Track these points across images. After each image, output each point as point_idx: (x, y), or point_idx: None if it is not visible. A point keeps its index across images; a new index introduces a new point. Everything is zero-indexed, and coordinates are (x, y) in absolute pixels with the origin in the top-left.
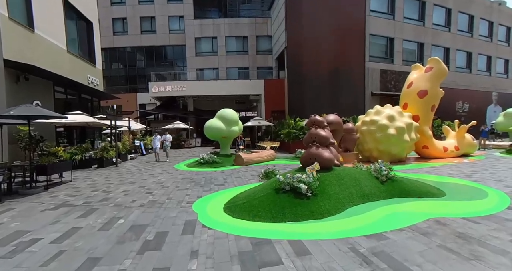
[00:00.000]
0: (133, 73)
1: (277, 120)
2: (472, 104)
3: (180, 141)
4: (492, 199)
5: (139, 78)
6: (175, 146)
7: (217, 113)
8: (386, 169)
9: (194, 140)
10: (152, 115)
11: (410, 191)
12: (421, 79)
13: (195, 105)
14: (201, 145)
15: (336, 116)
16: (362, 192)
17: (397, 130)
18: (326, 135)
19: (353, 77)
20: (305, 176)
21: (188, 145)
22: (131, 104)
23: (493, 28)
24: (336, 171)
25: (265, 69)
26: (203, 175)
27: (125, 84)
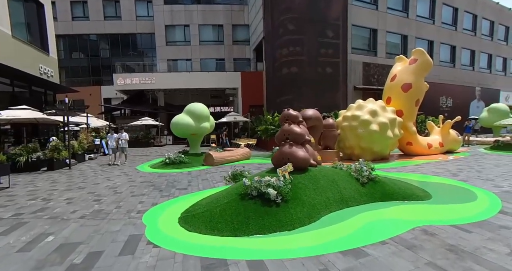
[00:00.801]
0: (96, 64)
1: (255, 115)
2: (455, 100)
3: (149, 139)
4: (482, 201)
5: (103, 70)
6: (144, 144)
7: (185, 108)
8: (367, 169)
9: (165, 137)
10: (118, 111)
11: (393, 194)
12: (405, 72)
13: (166, 100)
14: (173, 142)
15: (315, 111)
16: (340, 196)
17: (380, 126)
18: (301, 132)
19: (335, 70)
20: (274, 179)
21: (158, 143)
22: (94, 98)
23: (477, 21)
24: (312, 172)
25: (242, 61)
26: (166, 177)
27: (87, 76)
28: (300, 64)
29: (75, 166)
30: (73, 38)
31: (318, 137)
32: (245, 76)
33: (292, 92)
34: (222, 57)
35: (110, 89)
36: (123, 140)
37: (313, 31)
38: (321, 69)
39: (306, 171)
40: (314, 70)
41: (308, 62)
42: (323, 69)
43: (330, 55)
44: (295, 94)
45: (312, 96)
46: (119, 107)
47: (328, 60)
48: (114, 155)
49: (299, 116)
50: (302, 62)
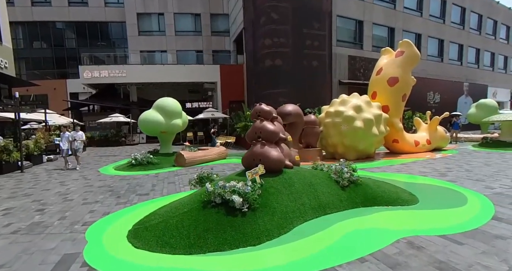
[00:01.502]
0: (61, 55)
1: (235, 112)
2: (443, 95)
3: (120, 137)
4: (473, 205)
5: (69, 61)
6: (114, 143)
7: (154, 103)
8: (348, 170)
9: (138, 135)
10: (86, 107)
11: (376, 198)
12: (392, 65)
13: (139, 95)
14: (147, 141)
15: (296, 106)
16: (317, 202)
17: (365, 123)
18: (275, 129)
19: (319, 64)
20: (241, 184)
21: (131, 142)
22: (59, 93)
23: (466, 14)
24: (287, 175)
25: (221, 53)
26: (129, 180)
27: (51, 68)
28: (283, 57)
29: (29, 168)
30: (33, 25)
31: (298, 134)
32: (224, 70)
33: (274, 87)
34: (200, 49)
35: (77, 83)
36: (79, 140)
37: (296, 21)
38: (304, 63)
39: (280, 173)
40: (297, 64)
41: (291, 54)
42: (306, 63)
43: (314, 47)
44: (277, 89)
45: (296, 91)
46: (87, 103)
47: (312, 53)
48: (65, 158)
49: (273, 112)
50: (285, 55)
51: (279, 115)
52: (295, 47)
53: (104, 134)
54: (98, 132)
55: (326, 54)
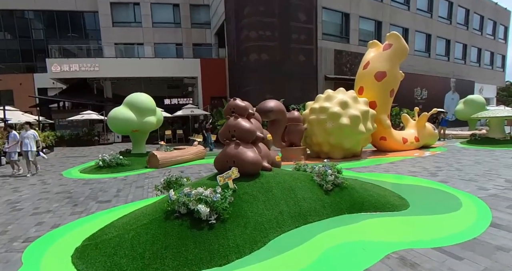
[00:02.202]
0: (27, 47)
1: (216, 108)
2: (430, 91)
3: (92, 136)
4: (468, 210)
5: (37, 54)
6: (87, 143)
7: (125, 99)
8: (332, 172)
9: (113, 134)
10: (56, 104)
11: (363, 203)
12: (379, 58)
13: (114, 91)
14: (122, 140)
15: (278, 102)
16: (297, 209)
17: (351, 120)
18: (251, 127)
19: (304, 58)
20: (209, 190)
21: (105, 141)
22: (26, 88)
23: (453, 9)
24: (264, 179)
25: (203, 46)
26: (93, 185)
27: (17, 61)
28: (267, 51)
29: None
30: None
31: (281, 132)
32: (205, 64)
33: (258, 82)
34: (179, 42)
35: (45, 77)
36: (30, 142)
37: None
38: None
39: (256, 177)
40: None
41: (276, 48)
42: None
43: (298, 40)
44: (261, 85)
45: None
46: (56, 99)
47: (296, 47)
48: (14, 162)
49: (249, 108)
50: (269, 48)
51: (259, 112)
52: (280, 40)
53: (75, 133)
54: (68, 131)
55: (312, 48)
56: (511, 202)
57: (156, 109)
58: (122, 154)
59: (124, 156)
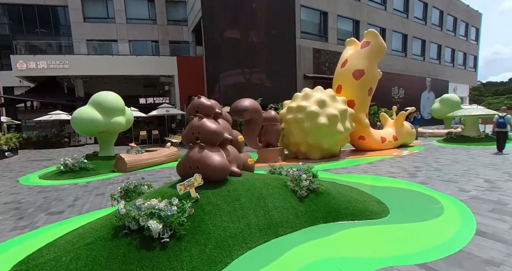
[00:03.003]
0: None
1: None
2: (407, 90)
3: (62, 137)
4: (451, 216)
5: (1, 51)
6: (56, 145)
7: (91, 98)
8: (307, 176)
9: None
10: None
11: (340, 211)
12: (357, 56)
13: (86, 89)
14: (95, 141)
15: (253, 101)
16: (267, 221)
17: (329, 119)
18: (216, 128)
19: (282, 56)
20: (163, 203)
21: (76, 142)
22: None
23: (428, 10)
24: (231, 186)
25: (179, 44)
26: (49, 192)
27: None
28: (245, 48)
29: None
30: None
31: (257, 132)
32: (182, 62)
33: (236, 81)
34: (155, 39)
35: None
36: None
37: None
38: (267, 55)
39: (223, 184)
40: (259, 56)
41: (254, 45)
42: (269, 55)
43: (277, 39)
44: (239, 83)
45: (260, 85)
46: (23, 99)
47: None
48: None
49: (216, 107)
50: (246, 46)
51: (233, 112)
52: (258, 38)
53: (43, 134)
54: (36, 132)
55: (291, 46)
56: (493, 205)
57: (126, 109)
58: (88, 157)
59: (90, 159)
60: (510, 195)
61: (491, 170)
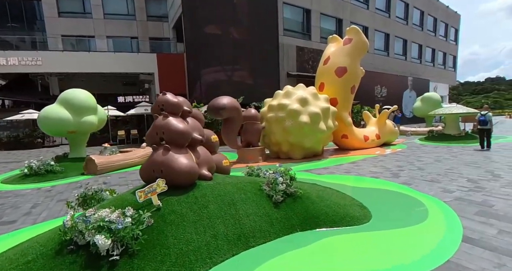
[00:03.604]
0: None
1: None
2: (389, 89)
3: (34, 138)
4: (436, 219)
5: None
6: (28, 145)
7: (59, 96)
8: (284, 179)
9: None
10: None
11: (319, 217)
12: (339, 53)
13: (62, 87)
14: None
15: (232, 99)
16: (237, 230)
17: (311, 117)
18: (183, 128)
19: (265, 54)
20: (116, 214)
21: (50, 143)
22: None
23: (409, 10)
24: (200, 191)
25: (160, 40)
26: (7, 199)
27: None
28: (226, 46)
29: None
30: None
31: (236, 131)
32: (162, 59)
33: (218, 79)
34: (135, 36)
35: None
36: None
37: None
38: (250, 53)
39: (191, 189)
40: (242, 54)
41: (237, 43)
42: (252, 53)
43: (260, 36)
44: (221, 81)
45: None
46: None
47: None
48: None
49: (184, 105)
50: (228, 43)
51: (211, 110)
52: (240, 35)
53: (14, 135)
54: (7, 132)
55: (274, 44)
56: (478, 207)
57: (98, 108)
58: (58, 158)
59: (59, 161)
60: (495, 195)
61: (473, 168)
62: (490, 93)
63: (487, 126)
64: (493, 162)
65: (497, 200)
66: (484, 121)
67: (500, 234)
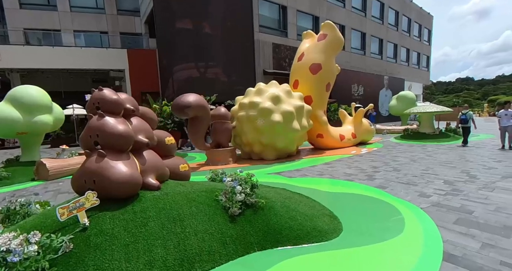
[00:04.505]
0: None
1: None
2: (366, 88)
3: None
4: (413, 231)
5: None
6: None
7: (8, 93)
8: (243, 188)
9: None
10: None
11: (282, 232)
12: (314, 50)
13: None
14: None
15: (198, 96)
16: (180, 254)
17: (284, 116)
18: (123, 130)
19: (240, 50)
20: (19, 239)
21: (11, 144)
22: None
23: (384, 10)
24: (140, 205)
25: (132, 35)
26: None
27: None
28: (200, 42)
29: None
30: None
31: (204, 131)
32: (133, 55)
33: (191, 77)
34: (104, 30)
35: None
36: None
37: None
38: (224, 49)
39: (130, 203)
40: (216, 50)
41: (209, 39)
42: (227, 49)
43: (234, 32)
44: (195, 79)
45: (217, 80)
46: None
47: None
48: None
49: (127, 102)
50: (202, 39)
51: (174, 108)
52: (214, 31)
53: None
54: None
55: (247, 40)
56: (457, 214)
57: (54, 106)
58: (10, 162)
59: (8, 166)
60: (472, 199)
61: (449, 169)
62: (460, 92)
63: (467, 124)
64: (468, 161)
65: (475, 205)
66: (465, 120)
67: (483, 248)
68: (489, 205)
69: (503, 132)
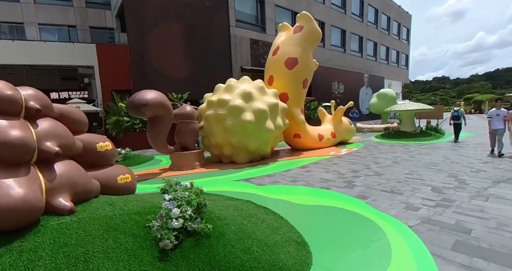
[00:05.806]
0: None
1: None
2: (347, 86)
3: None
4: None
5: None
6: None
7: None
8: (183, 211)
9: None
10: None
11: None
12: (290, 43)
13: None
14: None
15: (158, 93)
16: None
17: (256, 115)
18: (15, 137)
19: (216, 46)
20: None
21: None
22: None
23: (364, 7)
24: (32, 240)
25: (102, 30)
26: None
27: None
28: (173, 37)
29: None
30: None
31: (166, 132)
32: (103, 51)
33: (163, 73)
34: (72, 24)
35: None
36: None
37: None
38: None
39: (21, 236)
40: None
41: (183, 34)
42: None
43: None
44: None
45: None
46: None
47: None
48: None
49: (28, 99)
50: (175, 34)
51: (130, 107)
52: (187, 25)
53: None
54: None
55: (223, 35)
56: (454, 236)
57: None
58: None
59: None
60: (467, 212)
61: (434, 172)
62: (437, 91)
63: (459, 121)
64: (453, 163)
65: (473, 221)
66: (457, 116)
67: None
68: (488, 221)
69: (493, 135)
